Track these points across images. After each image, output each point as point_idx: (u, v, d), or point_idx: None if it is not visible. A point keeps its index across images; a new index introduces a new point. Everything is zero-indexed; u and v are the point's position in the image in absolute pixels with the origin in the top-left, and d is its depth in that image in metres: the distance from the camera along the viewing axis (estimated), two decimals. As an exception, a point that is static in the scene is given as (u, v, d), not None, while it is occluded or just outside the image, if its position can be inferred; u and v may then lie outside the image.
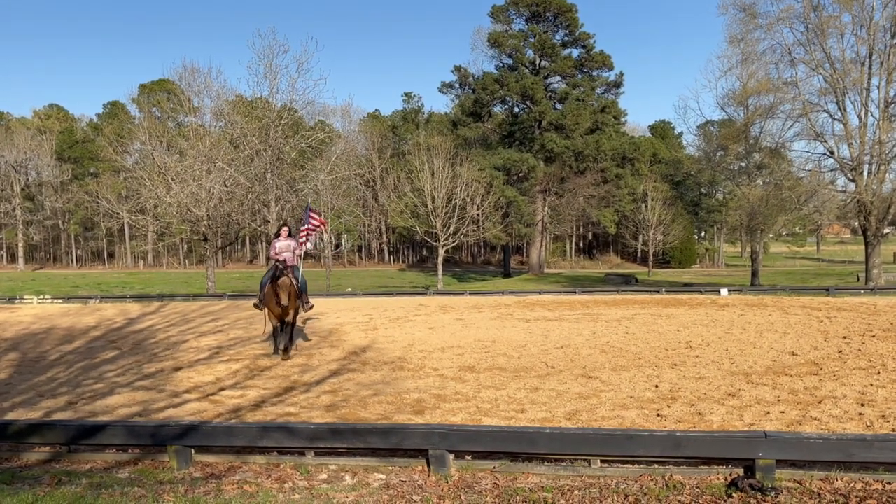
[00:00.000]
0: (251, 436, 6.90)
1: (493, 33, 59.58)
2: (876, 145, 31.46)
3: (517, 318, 19.79)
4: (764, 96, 35.15)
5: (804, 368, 11.11)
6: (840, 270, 61.59)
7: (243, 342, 15.69)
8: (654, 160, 77.71)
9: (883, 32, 31.03)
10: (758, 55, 34.60)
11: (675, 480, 5.79)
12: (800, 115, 33.32)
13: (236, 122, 35.23)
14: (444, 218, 44.04)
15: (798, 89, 33.14)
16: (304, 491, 6.07)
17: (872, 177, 31.97)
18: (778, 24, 33.26)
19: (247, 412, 9.05)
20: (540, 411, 8.79)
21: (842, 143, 32.86)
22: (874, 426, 7.57)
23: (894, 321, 16.67)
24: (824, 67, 32.38)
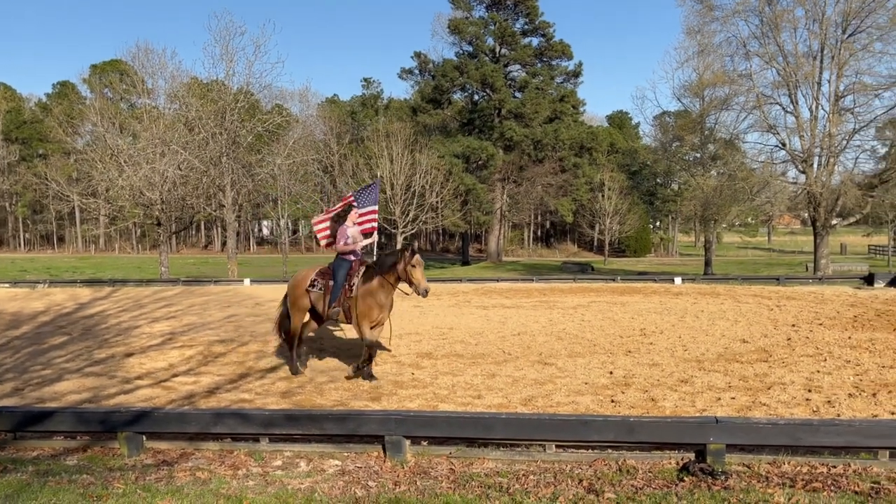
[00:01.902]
0: (204, 422, 6.81)
1: (454, 20, 59.40)
2: (826, 138, 32.16)
3: (475, 305, 19.85)
4: (719, 88, 35.66)
5: (754, 355, 11.34)
6: (790, 260, 63.09)
7: (197, 328, 15.47)
8: (612, 150, 78.41)
9: (834, 27, 31.67)
10: (714, 47, 35.07)
11: (628, 465, 5.87)
12: (753, 108, 33.88)
13: (191, 104, 34.55)
14: (403, 205, 43.92)
15: (752, 82, 33.70)
16: (258, 477, 6.01)
17: (822, 169, 32.69)
18: (734, 17, 33.74)
19: (200, 398, 8.93)
20: (496, 397, 8.84)
21: (793, 135, 33.53)
22: (820, 411, 7.76)
23: (840, 310, 17.11)
24: (778, 61, 32.96)
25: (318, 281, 10.39)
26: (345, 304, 9.97)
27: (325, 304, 10.22)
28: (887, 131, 35.42)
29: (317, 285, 10.37)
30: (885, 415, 7.50)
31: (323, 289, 10.29)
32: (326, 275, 10.39)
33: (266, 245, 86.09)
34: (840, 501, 4.73)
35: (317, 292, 10.36)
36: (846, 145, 33.03)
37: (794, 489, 5.04)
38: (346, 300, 9.97)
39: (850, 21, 31.08)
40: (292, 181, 41.98)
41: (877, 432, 5.63)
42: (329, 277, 10.31)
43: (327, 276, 10.35)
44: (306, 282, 10.48)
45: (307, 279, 10.50)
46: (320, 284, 10.35)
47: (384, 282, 9.75)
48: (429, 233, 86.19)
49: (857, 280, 24.80)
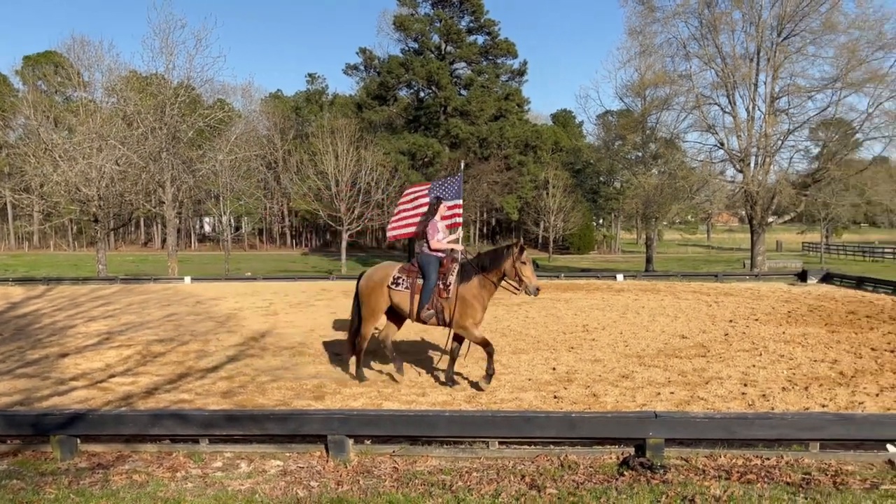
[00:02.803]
0: (142, 424, 6.65)
1: (399, 16, 59.22)
2: (762, 138, 33.06)
3: (420, 302, 19.82)
4: (660, 88, 36.32)
5: (693, 351, 11.60)
6: (728, 257, 64.73)
7: (135, 327, 15.10)
8: (556, 148, 79.22)
9: (770, 31, 32.56)
10: (655, 48, 35.68)
11: (570, 460, 5.93)
12: (693, 108, 34.59)
13: (130, 98, 33.65)
14: (349, 202, 43.60)
15: (692, 82, 34.40)
16: (197, 479, 5.89)
17: (758, 168, 33.59)
18: (674, 19, 34.38)
19: (138, 399, 8.71)
20: (441, 395, 8.85)
21: (731, 135, 34.34)
22: (755, 405, 7.97)
23: (776, 305, 17.62)
24: (716, 62, 33.72)
25: (403, 279, 9.44)
26: (437, 305, 9.16)
27: (412, 305, 9.32)
28: (820, 132, 36.61)
29: (402, 283, 9.43)
30: (817, 407, 7.74)
31: (410, 288, 9.35)
32: (412, 272, 9.43)
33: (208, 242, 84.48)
34: (773, 493, 4.86)
35: (402, 291, 9.41)
36: (781, 145, 34.02)
37: (729, 481, 5.16)
38: (439, 301, 9.16)
39: (785, 25, 32.00)
40: (235, 177, 41.23)
41: (808, 425, 5.81)
42: (416, 275, 9.37)
43: (413, 274, 9.40)
44: (387, 279, 9.52)
45: (388, 276, 9.54)
46: (406, 283, 9.40)
47: (486, 281, 9.07)
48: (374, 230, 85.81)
49: (791, 276, 25.59)
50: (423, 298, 9.19)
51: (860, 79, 30.72)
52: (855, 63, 30.67)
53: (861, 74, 30.74)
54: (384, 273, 9.64)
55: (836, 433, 5.76)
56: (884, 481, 5.10)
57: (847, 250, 65.20)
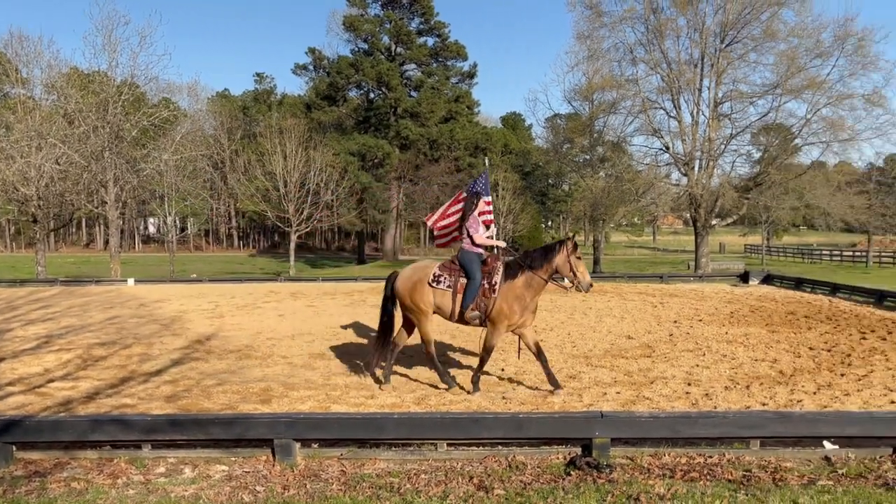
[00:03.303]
0: (81, 430, 6.45)
1: (349, 17, 58.93)
2: (706, 142, 33.79)
3: (370, 304, 19.73)
4: (607, 92, 36.79)
5: (639, 351, 11.78)
6: (673, 259, 66.00)
7: (76, 330, 14.69)
8: (506, 151, 79.63)
9: (713, 37, 33.31)
10: (603, 52, 36.14)
11: (517, 461, 5.96)
12: (640, 112, 35.15)
13: (70, 95, 32.75)
14: (297, 203, 43.18)
15: (638, 87, 34.94)
16: (139, 486, 5.76)
17: (702, 172, 34.32)
18: (621, 24, 34.90)
19: (78, 405, 8.48)
20: (390, 397, 8.81)
21: (676, 139, 35.03)
22: (699, 404, 8.13)
23: (719, 306, 18.02)
24: (662, 67, 34.35)
25: (445, 277, 8.96)
26: (482, 305, 8.76)
27: (454, 305, 8.88)
28: (761, 137, 37.59)
29: (444, 282, 8.94)
30: (757, 406, 7.93)
31: (453, 287, 8.89)
32: (454, 270, 8.98)
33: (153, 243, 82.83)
34: (715, 490, 4.96)
35: (444, 290, 8.93)
36: (724, 149, 34.83)
37: (673, 480, 5.25)
38: (483, 301, 8.76)
39: (728, 32, 32.77)
40: (180, 177, 40.45)
41: (749, 423, 5.95)
42: (458, 273, 8.94)
43: (456, 272, 8.96)
44: (427, 277, 9.04)
45: (428, 274, 9.06)
46: (449, 281, 8.92)
47: (533, 279, 8.71)
48: (324, 231, 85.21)
49: (733, 278, 26.20)
50: (466, 298, 8.78)
51: (799, 85, 31.65)
52: (794, 70, 31.58)
53: (800, 81, 31.68)
54: (423, 271, 9.20)
55: (776, 431, 5.91)
56: (820, 477, 5.25)
57: (787, 252, 67.06)
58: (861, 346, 11.80)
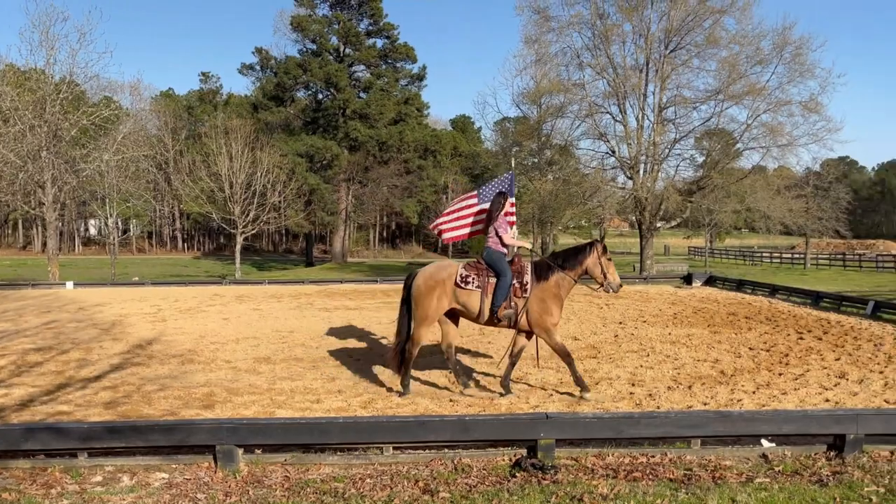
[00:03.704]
0: (13, 438, 6.22)
1: (297, 17, 58.36)
2: (651, 146, 34.38)
3: (317, 307, 19.57)
4: (555, 96, 37.10)
5: (585, 352, 11.92)
6: (619, 261, 66.73)
7: (10, 335, 14.22)
8: (455, 153, 79.92)
9: (658, 43, 33.92)
10: (550, 56, 36.43)
11: (463, 463, 5.95)
12: (586, 116, 35.53)
13: (6, 93, 31.67)
14: (243, 204, 42.58)
15: (585, 91, 35.32)
16: (74, 495, 5.58)
17: (647, 175, 34.89)
18: (569, 29, 35.23)
19: (11, 413, 8.19)
20: (336, 401, 8.73)
21: (622, 143, 35.53)
22: (642, 404, 8.25)
23: (662, 307, 18.34)
24: (608, 72, 34.81)
25: (473, 277, 8.79)
26: (513, 303, 8.68)
27: (483, 305, 8.73)
28: (704, 141, 38.42)
29: (472, 282, 8.76)
30: (699, 405, 8.08)
31: (482, 287, 8.74)
32: (482, 270, 8.85)
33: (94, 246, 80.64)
34: (656, 489, 5.02)
35: (472, 290, 8.75)
36: (668, 153, 35.48)
37: (616, 479, 5.30)
38: (514, 300, 8.68)
39: (672, 38, 33.41)
40: (122, 178, 39.45)
41: (690, 422, 6.04)
42: (486, 273, 8.80)
43: (483, 272, 8.82)
44: (454, 277, 8.82)
45: (454, 274, 8.85)
46: (477, 281, 8.76)
47: (564, 279, 8.75)
48: (271, 233, 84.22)
49: (677, 279, 26.71)
50: (497, 298, 8.65)
51: (740, 91, 32.42)
52: (735, 76, 32.35)
53: (741, 87, 32.45)
54: (448, 271, 8.98)
55: (716, 430, 6.01)
56: (758, 475, 5.36)
57: (729, 254, 68.65)
58: (798, 345, 12.13)
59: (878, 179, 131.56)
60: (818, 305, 18.13)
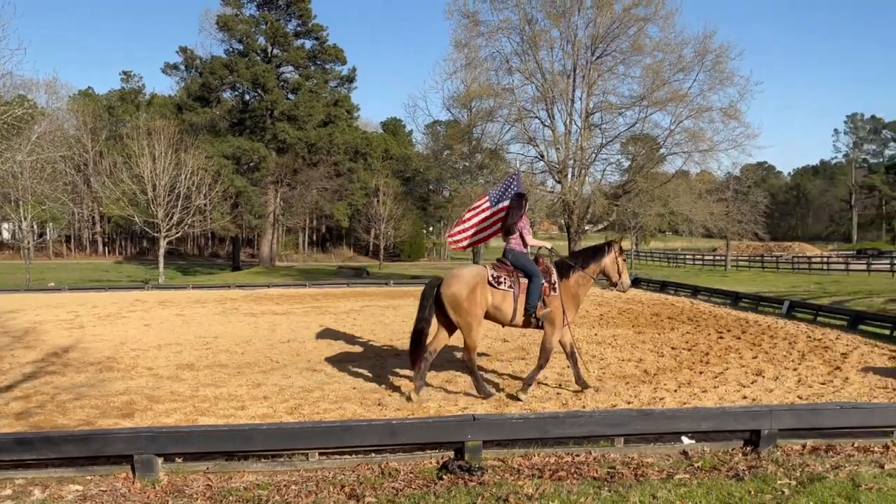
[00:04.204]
0: (-87, 454, 5.89)
1: (223, 16, 57.20)
2: (578, 151, 34.95)
3: (243, 312, 19.21)
4: (485, 100, 37.28)
5: (513, 354, 12.02)
6: (548, 263, 67.79)
7: (-86, 345, 13.47)
8: (386, 156, 79.72)
9: (585, 49, 34.52)
10: (480, 61, 36.60)
11: (390, 467, 5.91)
12: (516, 120, 35.87)
13: None
14: (167, 207, 41.42)
15: (514, 96, 35.64)
16: (-21, 513, 5.31)
17: (575, 179, 35.46)
18: (497, 34, 35.50)
19: (-88, 427, 7.75)
20: (261, 407, 8.56)
21: (551, 147, 35.99)
22: (569, 404, 8.35)
23: (589, 309, 18.67)
24: (537, 77, 35.23)
25: (505, 277, 8.75)
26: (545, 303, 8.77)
27: (517, 305, 8.69)
28: (630, 147, 39.30)
29: (504, 282, 8.71)
30: (623, 404, 8.23)
31: (514, 287, 8.71)
32: (511, 271, 8.83)
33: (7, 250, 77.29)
34: (580, 488, 5.09)
35: (505, 290, 8.69)
36: (595, 158, 36.15)
37: (542, 479, 5.34)
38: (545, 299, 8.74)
39: (598, 44, 34.06)
40: (37, 180, 37.91)
41: (613, 421, 6.15)
42: (516, 274, 8.81)
43: (513, 273, 8.81)
44: (485, 280, 8.71)
45: (485, 277, 8.74)
46: (509, 282, 8.72)
47: (584, 278, 9.10)
48: (196, 237, 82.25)
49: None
50: (532, 298, 8.66)
51: (663, 98, 33.28)
52: (659, 83, 33.19)
53: (664, 94, 33.31)
54: (479, 273, 8.87)
55: (638, 428, 6.13)
56: (678, 471, 5.49)
57: (654, 256, 70.48)
58: (718, 344, 12.50)
59: (793, 184, 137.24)
60: (737, 306, 18.74)
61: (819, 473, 5.28)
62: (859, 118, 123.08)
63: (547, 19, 34.76)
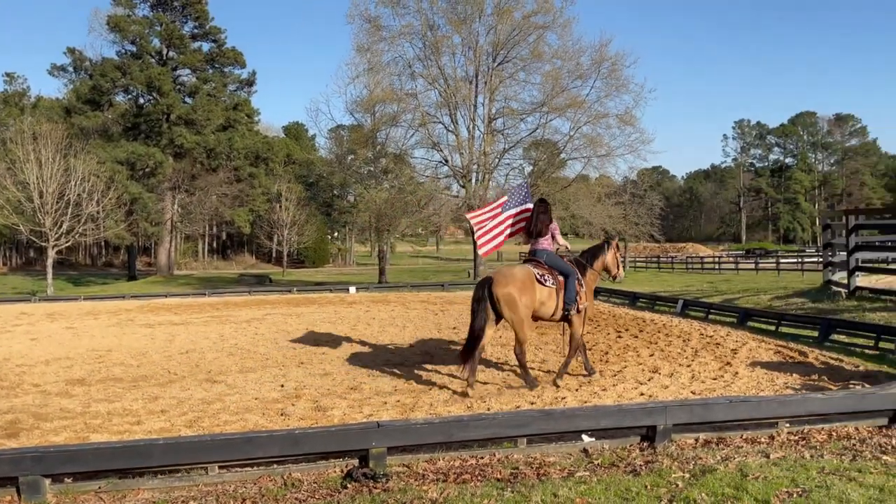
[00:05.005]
0: None
1: (114, 17, 55.07)
2: (482, 156, 35.44)
3: (139, 323, 18.51)
4: (388, 105, 37.32)
5: (419, 358, 12.03)
6: (455, 267, 68.53)
7: None
8: (289, 161, 78.59)
9: (486, 56, 35.07)
10: (382, 66, 36.62)
11: (293, 478, 5.80)
12: (420, 125, 36.06)
13: None
14: (55, 215, 39.49)
15: (418, 101, 35.86)
16: None
17: (479, 184, 35.93)
18: (400, 39, 35.63)
19: None
20: (158, 421, 8.25)
21: (454, 152, 36.36)
22: (474, 407, 8.42)
23: (494, 311, 18.88)
24: (439, 83, 35.52)
25: (548, 276, 9.37)
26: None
27: (559, 301, 9.40)
28: (532, 151, 40.17)
29: (548, 280, 9.34)
30: (526, 405, 8.36)
31: (556, 285, 9.39)
32: (549, 270, 9.45)
33: None
34: (484, 490, 5.13)
35: (550, 288, 9.33)
36: (498, 163, 36.75)
37: (446, 483, 5.36)
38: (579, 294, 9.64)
39: (499, 51, 34.67)
40: None
41: (516, 422, 6.23)
42: (554, 272, 9.47)
43: (553, 272, 9.46)
44: (534, 278, 9.26)
45: (532, 275, 9.29)
46: (552, 280, 9.37)
47: (594, 274, 10.16)
48: (89, 246, 78.74)
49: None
50: (570, 294, 9.45)
51: (562, 104, 34.17)
52: (558, 90, 34.07)
53: (563, 100, 34.21)
54: (529, 272, 9.37)
55: (541, 428, 6.23)
56: (579, 469, 5.61)
57: (556, 259, 71.90)
58: (617, 343, 12.89)
59: (686, 187, 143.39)
60: (635, 305, 19.38)
61: (710, 465, 5.50)
62: (746, 124, 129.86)
63: (449, 25, 35.13)
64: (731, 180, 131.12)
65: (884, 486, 4.87)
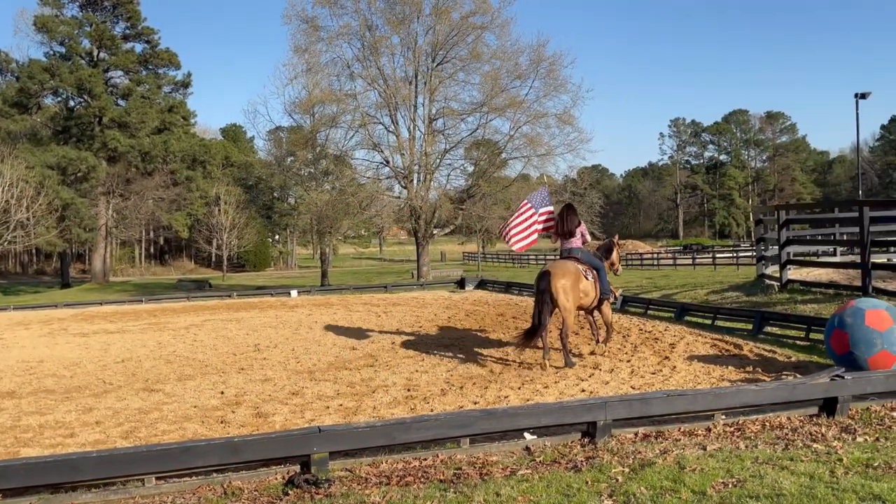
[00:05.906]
0: None
1: (41, 17, 53.36)
2: (423, 157, 35.49)
3: (73, 332, 17.96)
4: (328, 106, 37.09)
5: (362, 361, 11.95)
6: (398, 268, 68.37)
7: None
8: (227, 163, 77.34)
9: (426, 56, 35.11)
10: (321, 66, 36.37)
11: (233, 487, 5.70)
12: (360, 126, 35.93)
13: None
14: (-18, 223, 38.12)
15: (357, 102, 35.73)
16: None
17: (421, 185, 35.96)
18: (338, 39, 35.45)
19: None
20: (93, 433, 8.02)
21: (396, 153, 36.34)
22: (417, 409, 8.41)
23: (438, 312, 18.93)
24: (379, 83, 35.43)
25: (588, 271, 10.67)
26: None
27: (595, 293, 10.81)
28: (473, 151, 40.36)
29: (588, 274, 10.66)
30: (469, 405, 8.39)
31: (593, 278, 10.73)
32: (586, 266, 10.73)
33: None
34: (427, 492, 5.13)
35: (590, 280, 10.67)
36: (440, 163, 36.84)
37: (389, 486, 5.34)
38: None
39: (438, 52, 34.75)
40: None
41: (458, 422, 6.24)
42: (590, 267, 10.78)
43: (588, 267, 10.75)
44: (580, 272, 10.51)
45: (578, 268, 10.53)
46: (591, 274, 10.71)
47: (608, 267, 11.55)
48: (19, 254, 76.10)
49: (452, 284, 27.71)
50: (604, 285, 10.94)
51: (502, 104, 34.44)
52: (497, 90, 34.32)
53: (502, 100, 34.49)
54: (577, 266, 10.55)
55: (483, 427, 6.26)
56: (521, 467, 5.65)
57: (500, 258, 72.65)
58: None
59: (625, 185, 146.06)
60: (576, 302, 19.61)
61: (649, 459, 5.60)
62: (682, 122, 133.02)
63: (387, 26, 35.10)
64: (669, 178, 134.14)
65: (814, 474, 5.03)
